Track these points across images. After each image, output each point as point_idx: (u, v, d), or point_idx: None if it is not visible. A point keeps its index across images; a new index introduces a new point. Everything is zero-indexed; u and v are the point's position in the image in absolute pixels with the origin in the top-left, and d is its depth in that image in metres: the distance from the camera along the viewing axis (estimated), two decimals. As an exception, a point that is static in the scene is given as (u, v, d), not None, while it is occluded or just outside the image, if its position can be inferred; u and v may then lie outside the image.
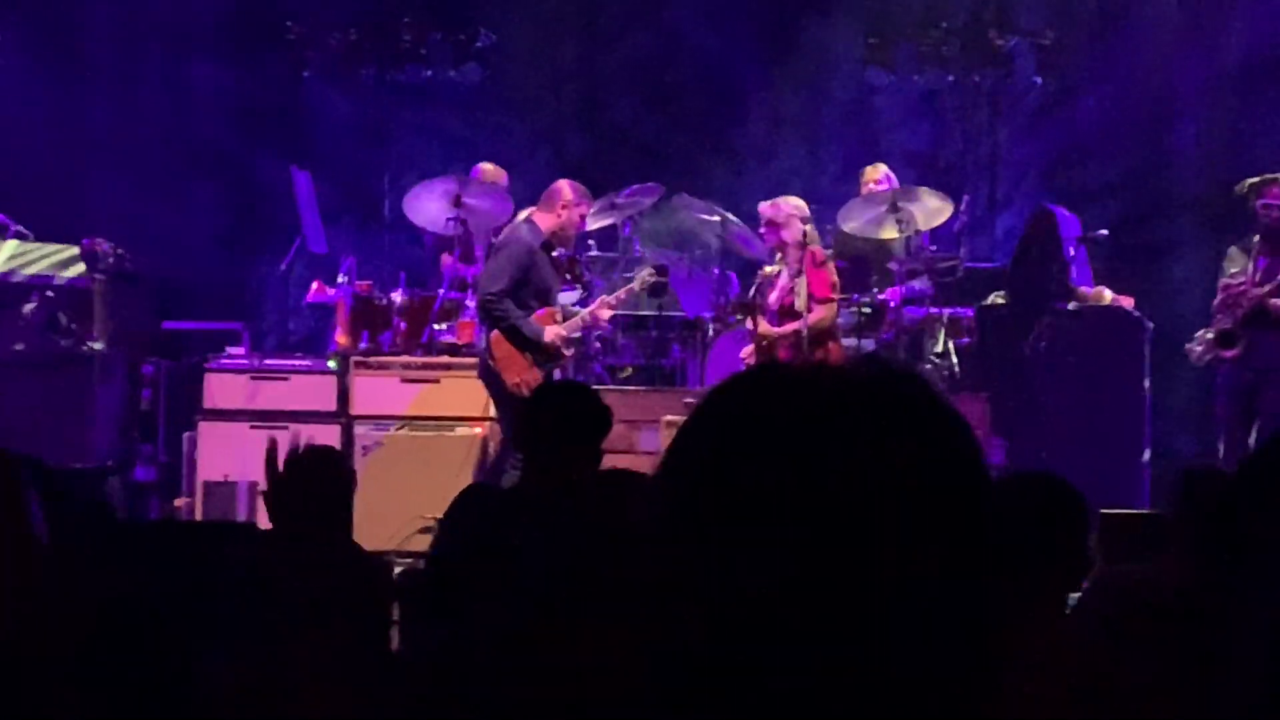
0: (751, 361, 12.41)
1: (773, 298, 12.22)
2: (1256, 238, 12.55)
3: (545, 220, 12.23)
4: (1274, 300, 12.36)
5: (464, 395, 12.83)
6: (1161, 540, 7.37)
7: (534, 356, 12.01)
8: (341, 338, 13.73)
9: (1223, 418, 12.77)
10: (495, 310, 12.04)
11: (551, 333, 12.05)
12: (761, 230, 12.52)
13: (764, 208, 12.36)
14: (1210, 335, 12.59)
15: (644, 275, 13.05)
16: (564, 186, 12.36)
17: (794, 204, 12.29)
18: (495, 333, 12.07)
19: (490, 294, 12.06)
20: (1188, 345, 12.90)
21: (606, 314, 12.68)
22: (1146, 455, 13.46)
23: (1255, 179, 12.60)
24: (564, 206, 12.24)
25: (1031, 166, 16.98)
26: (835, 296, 11.89)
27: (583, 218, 12.55)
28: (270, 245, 15.64)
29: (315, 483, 6.30)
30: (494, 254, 12.39)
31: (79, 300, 14.01)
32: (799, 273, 11.74)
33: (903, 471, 1.45)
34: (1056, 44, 16.73)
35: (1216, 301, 12.64)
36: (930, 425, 1.49)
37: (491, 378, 12.12)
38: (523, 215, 12.49)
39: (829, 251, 12.82)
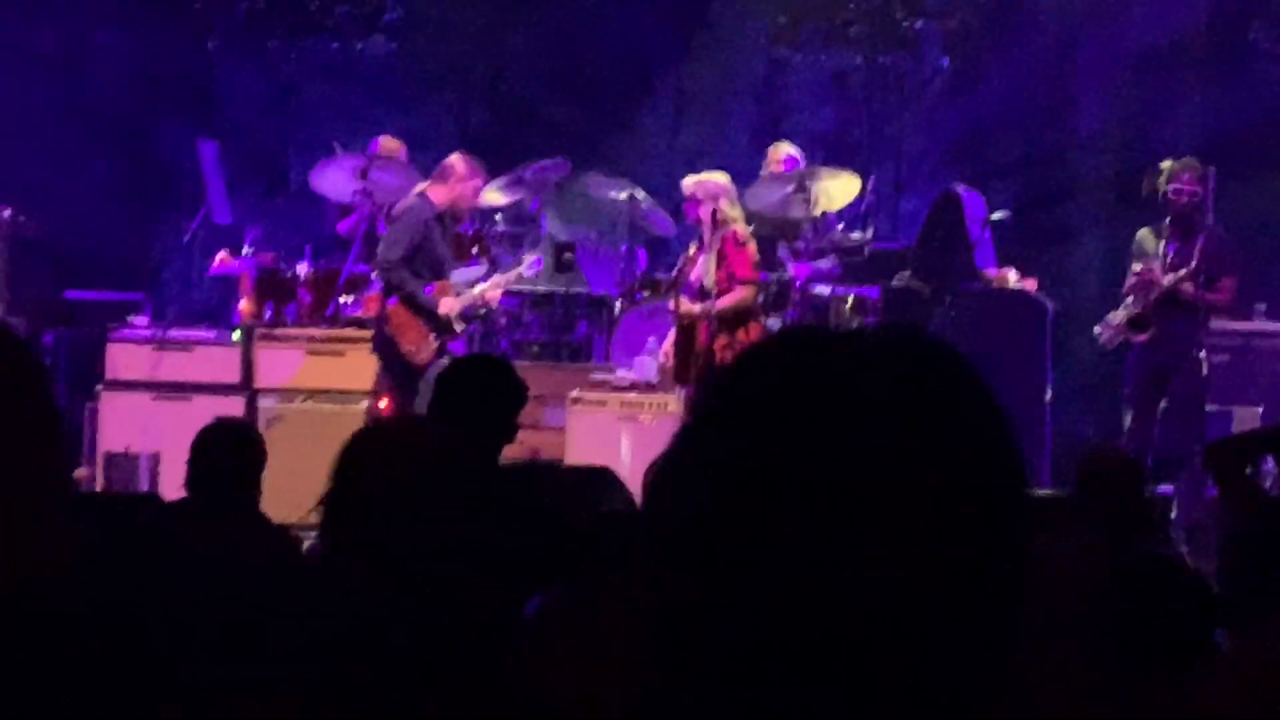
0: (671, 347, 12.38)
1: (693, 275, 12.22)
2: (1166, 222, 12.65)
3: (438, 194, 12.33)
4: (1186, 286, 12.47)
5: (369, 368, 12.77)
6: (1063, 520, 7.45)
7: (429, 325, 12.06)
8: (246, 309, 13.64)
9: (1130, 399, 12.88)
10: (392, 277, 12.17)
11: (446, 305, 12.16)
12: (685, 208, 12.51)
13: (686, 183, 12.36)
14: (1121, 318, 12.69)
15: (528, 262, 13.10)
16: (457, 161, 12.46)
17: (715, 180, 12.27)
18: (393, 301, 12.15)
19: (388, 260, 12.18)
20: (1096, 328, 13.00)
21: (497, 294, 12.76)
22: (1048, 433, 13.56)
23: (1167, 164, 12.69)
24: (457, 180, 12.34)
25: (937, 148, 17.06)
26: (756, 276, 11.88)
27: (476, 191, 12.62)
28: (173, 215, 15.53)
29: (226, 455, 6.28)
30: (391, 224, 12.52)
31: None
32: (712, 250, 11.75)
33: (940, 449, 1.43)
34: (962, 27, 16.82)
35: (1127, 285, 12.72)
36: (970, 406, 1.48)
37: (386, 345, 12.18)
38: (417, 189, 12.53)
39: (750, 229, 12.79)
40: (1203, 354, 12.66)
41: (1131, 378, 12.80)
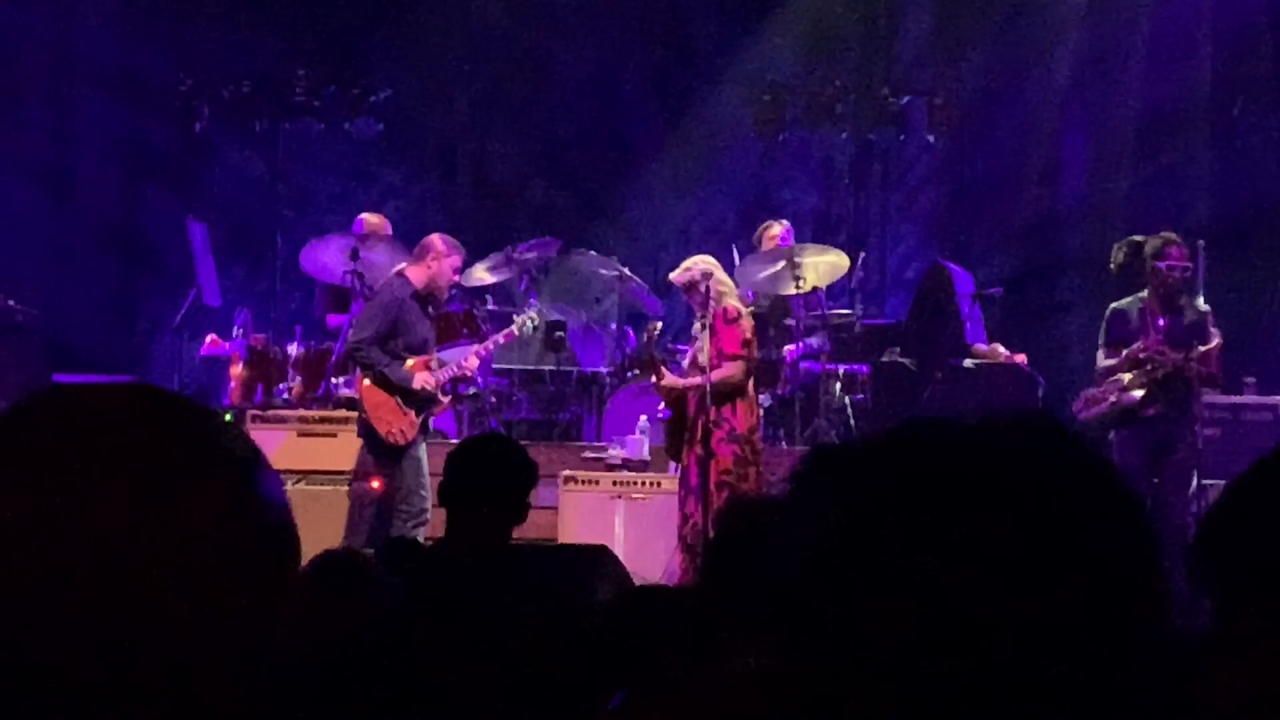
0: (664, 419, 12.33)
1: (689, 352, 12.20)
2: (1144, 295, 12.56)
3: (416, 273, 12.27)
4: (1192, 363, 12.42)
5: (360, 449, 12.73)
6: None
7: (403, 400, 12.02)
8: (236, 391, 13.62)
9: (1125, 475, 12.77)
10: (361, 357, 12.10)
11: (420, 379, 12.05)
12: (686, 299, 12.46)
13: (673, 277, 12.28)
14: (1116, 395, 12.56)
15: (521, 320, 12.98)
16: (435, 240, 12.40)
17: (698, 263, 12.23)
18: (366, 383, 12.11)
19: (356, 340, 12.13)
20: (1075, 405, 12.92)
21: (474, 362, 12.67)
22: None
23: (1148, 239, 12.64)
24: (434, 258, 12.27)
25: (924, 224, 17.14)
26: (744, 354, 11.77)
27: (454, 269, 12.54)
28: (161, 296, 15.52)
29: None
30: (366, 305, 12.47)
31: (-32, 352, 13.84)
32: (705, 328, 11.73)
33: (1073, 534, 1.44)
34: (948, 104, 16.91)
35: (1116, 361, 12.58)
36: (1101, 492, 1.48)
37: (366, 430, 12.14)
38: (396, 269, 12.50)
39: (746, 307, 12.76)
40: (1197, 428, 12.64)
41: (1127, 454, 12.69)
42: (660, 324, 12.68)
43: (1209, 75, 16.30)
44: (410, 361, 12.07)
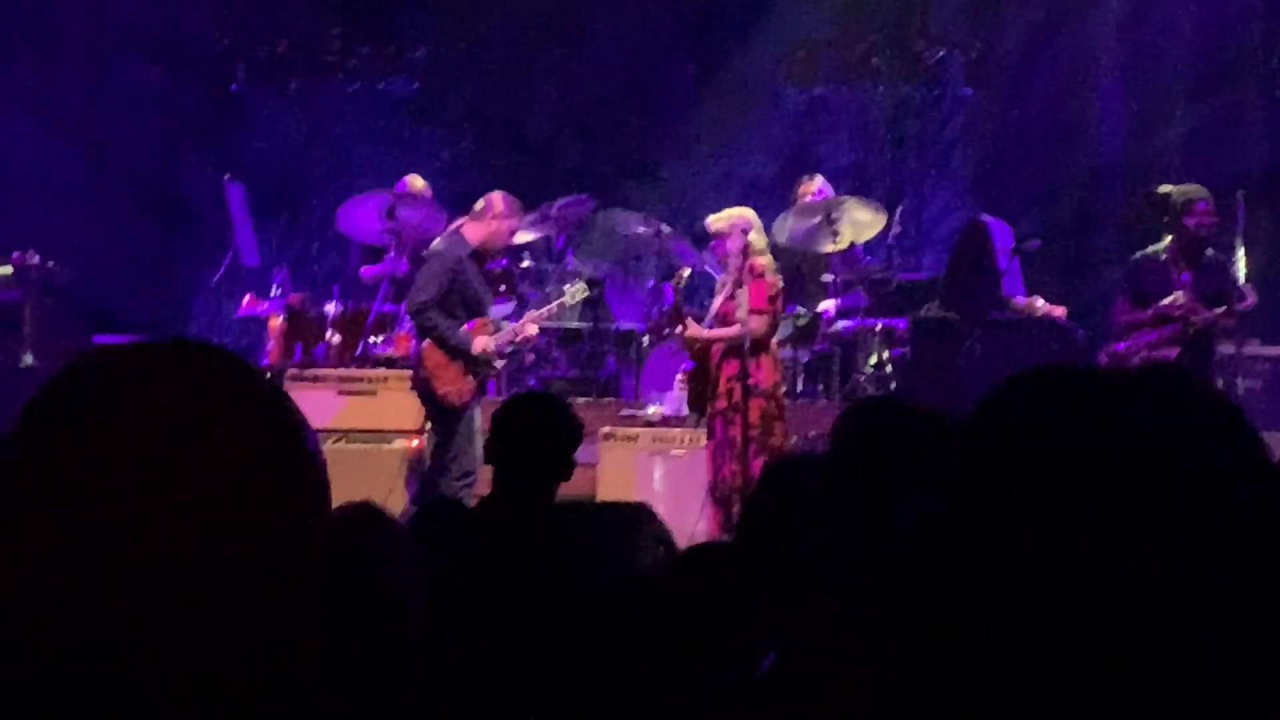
0: (684, 374, 12.31)
1: (715, 304, 12.16)
2: (1164, 247, 12.43)
3: (475, 231, 12.17)
4: (1226, 321, 12.36)
5: (400, 408, 12.75)
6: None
7: (465, 365, 11.99)
8: (274, 351, 13.64)
9: None
10: (424, 320, 12.02)
11: (480, 344, 11.98)
12: (713, 245, 12.44)
13: (709, 222, 12.27)
14: (1145, 354, 12.49)
15: (573, 289, 13.01)
16: (496, 198, 12.30)
17: (737, 214, 12.17)
18: (426, 343, 12.04)
19: (418, 303, 12.03)
20: (1101, 361, 12.85)
21: (534, 329, 12.61)
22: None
23: (1180, 190, 12.52)
24: (494, 218, 12.18)
25: (961, 178, 17.08)
26: (770, 309, 11.75)
27: (512, 231, 12.49)
28: (200, 257, 15.56)
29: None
30: (424, 265, 12.34)
31: (8, 314, 13.87)
32: (740, 283, 11.69)
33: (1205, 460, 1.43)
34: (983, 56, 16.84)
35: (1143, 316, 12.47)
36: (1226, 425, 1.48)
37: (423, 387, 12.07)
38: (453, 225, 12.42)
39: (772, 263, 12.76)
40: (1238, 379, 12.58)
41: None
42: (689, 271, 12.64)
43: (1254, 26, 16.20)
44: (468, 325, 12.02)
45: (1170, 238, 12.31)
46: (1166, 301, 12.31)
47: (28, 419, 1.50)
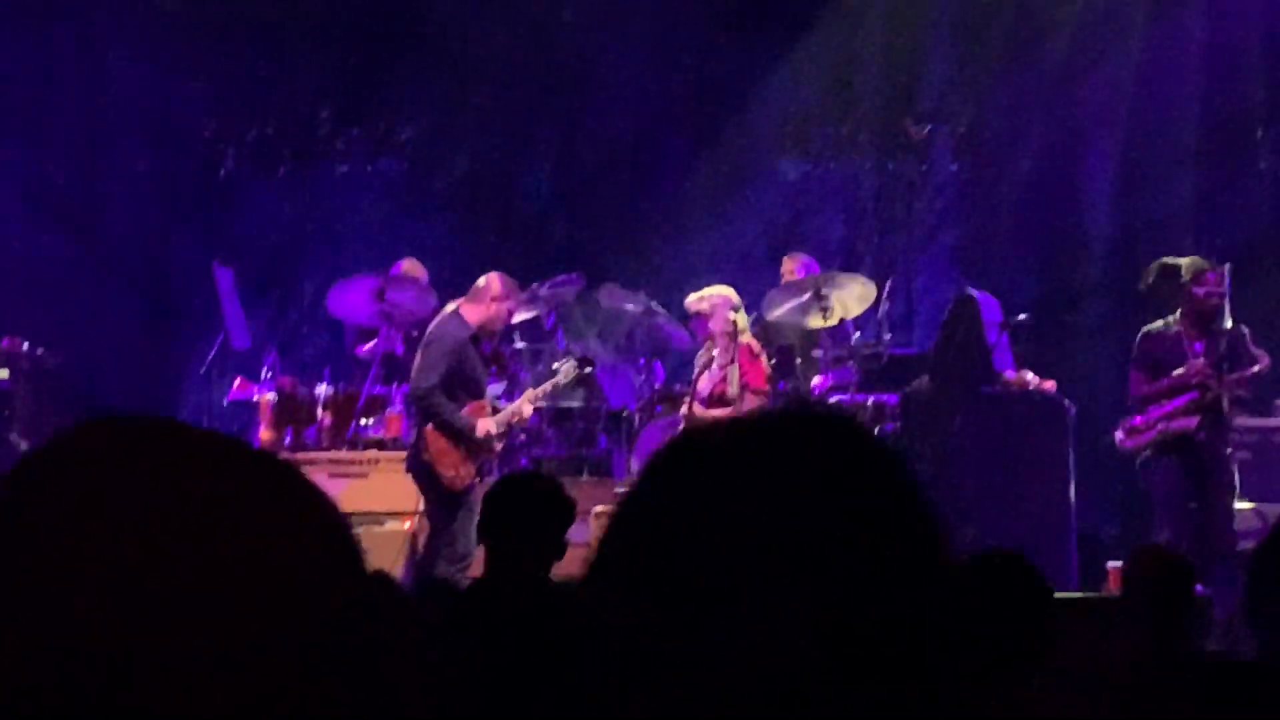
0: None
1: (703, 384, 12.23)
2: (1176, 318, 12.57)
3: (473, 313, 12.20)
4: (1239, 391, 12.43)
5: (392, 489, 12.73)
6: (1101, 623, 7.40)
7: (468, 449, 11.99)
8: (266, 434, 13.63)
9: (1167, 501, 12.64)
10: (428, 404, 12.00)
11: (484, 426, 12.02)
12: (692, 324, 12.53)
13: (690, 302, 12.37)
14: (1163, 426, 12.54)
15: (566, 368, 13.03)
16: (494, 280, 12.34)
17: (720, 293, 12.32)
18: (429, 426, 12.03)
19: (423, 388, 12.02)
20: (1117, 434, 12.91)
21: (529, 409, 12.67)
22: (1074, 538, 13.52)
23: (1182, 261, 12.65)
24: (494, 299, 12.22)
25: (950, 252, 17.12)
26: (769, 389, 11.92)
27: (511, 311, 12.54)
28: (190, 340, 15.57)
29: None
30: (424, 348, 12.30)
31: (0, 399, 13.88)
32: (731, 360, 11.76)
33: (848, 504, 1.46)
34: (970, 131, 16.91)
35: (1159, 387, 12.53)
36: (865, 459, 1.50)
37: (424, 471, 12.05)
38: (450, 307, 12.44)
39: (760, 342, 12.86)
40: (1232, 450, 12.62)
41: (1172, 480, 12.64)
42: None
43: (1240, 99, 16.28)
44: (467, 408, 12.03)
45: (1180, 309, 12.42)
46: (1180, 371, 12.38)
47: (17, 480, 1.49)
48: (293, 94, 16.89)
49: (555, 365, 13.26)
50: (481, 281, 12.34)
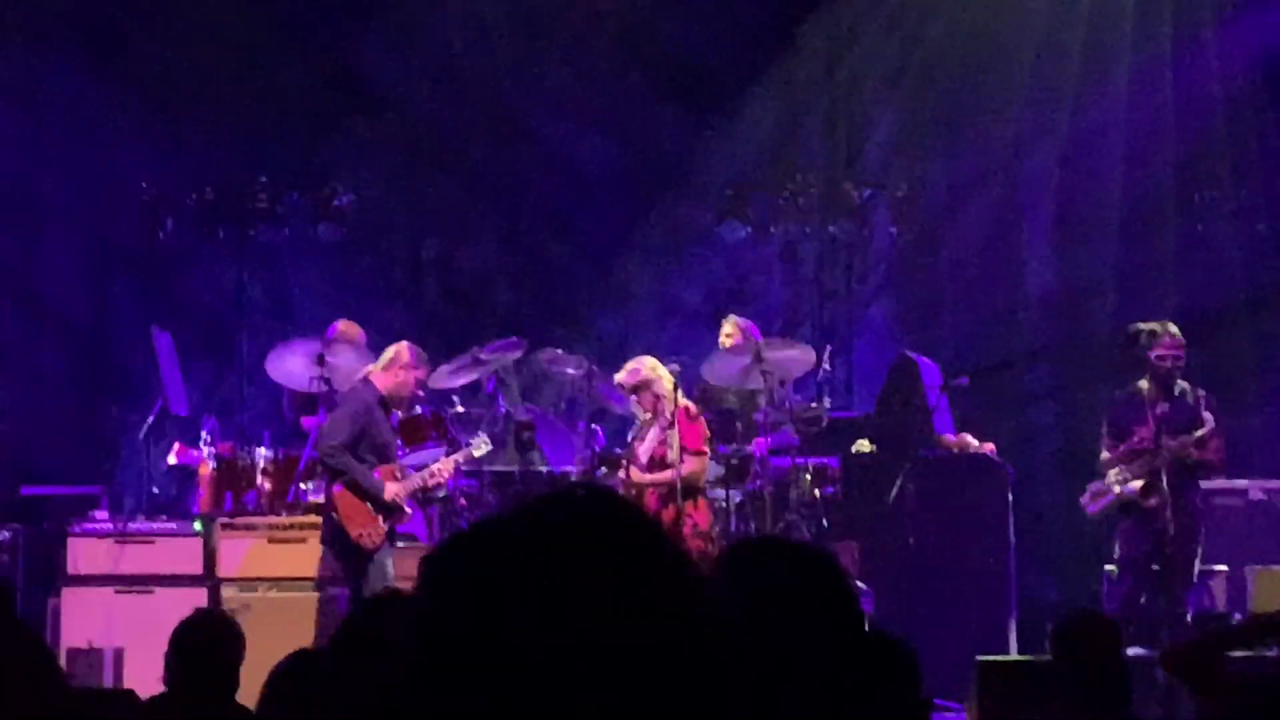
0: None
1: (642, 448, 12.28)
2: (1143, 384, 12.71)
3: (382, 380, 12.44)
4: (1194, 451, 12.54)
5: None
6: (1037, 686, 7.42)
7: (375, 509, 12.14)
8: (205, 499, 13.57)
9: (1128, 563, 12.69)
10: (335, 463, 12.22)
11: (391, 490, 12.23)
12: (631, 398, 12.58)
13: (621, 378, 12.49)
14: (1119, 487, 12.65)
15: (478, 441, 13.09)
16: (403, 349, 12.56)
17: (647, 363, 12.47)
18: (338, 486, 12.22)
19: (330, 446, 12.23)
20: (1083, 499, 13.00)
21: (444, 474, 12.74)
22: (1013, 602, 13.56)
23: (1146, 326, 12.81)
24: (401, 368, 12.47)
25: (890, 315, 17.18)
26: (707, 450, 12.02)
27: (418, 382, 12.71)
28: (129, 404, 15.50)
29: (208, 647, 6.24)
30: (333, 410, 12.58)
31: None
32: (671, 425, 11.82)
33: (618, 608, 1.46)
34: (910, 195, 17.00)
35: (1118, 452, 12.70)
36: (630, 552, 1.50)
37: (335, 532, 12.18)
38: (361, 373, 12.57)
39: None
40: (1197, 516, 12.74)
41: (1131, 543, 12.71)
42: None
43: (1172, 169, 16.41)
44: (375, 472, 12.16)
45: (1146, 375, 12.60)
46: (1134, 438, 12.55)
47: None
48: (230, 159, 16.86)
49: (470, 440, 13.27)
50: (391, 351, 12.59)
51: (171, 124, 16.78)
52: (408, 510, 12.41)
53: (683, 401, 12.16)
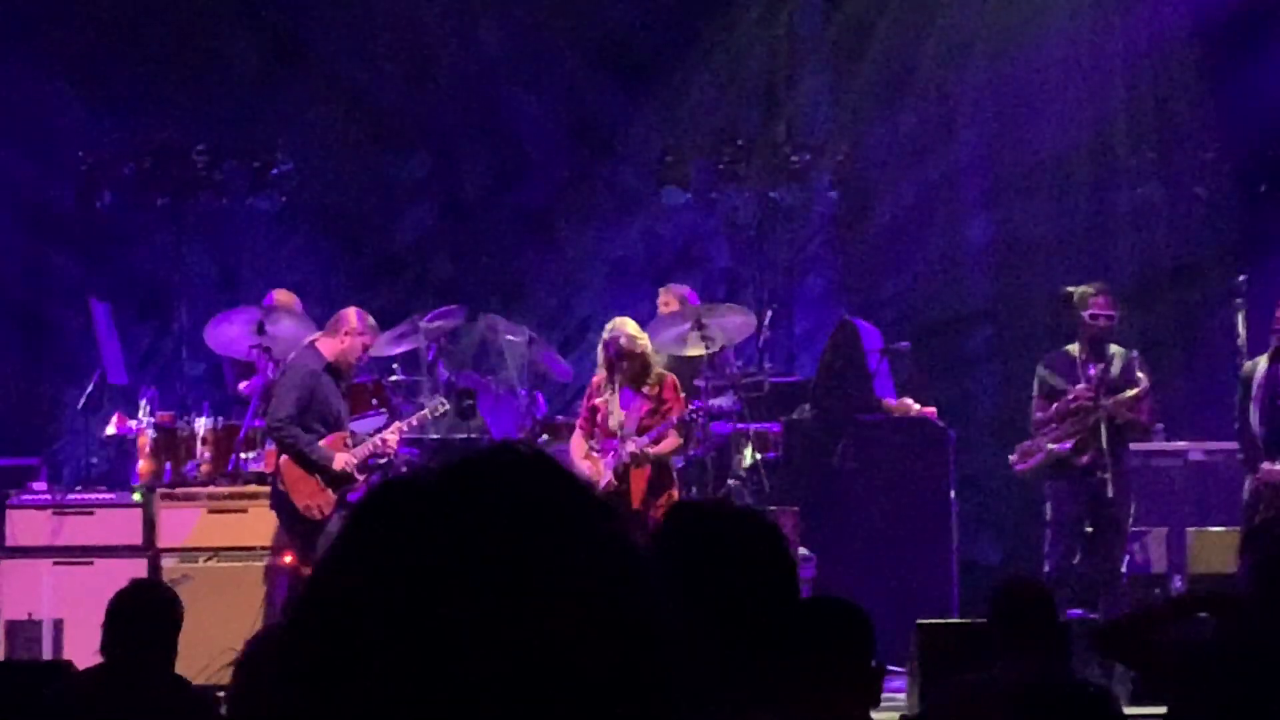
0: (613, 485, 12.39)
1: (629, 418, 12.37)
2: (1075, 347, 12.75)
3: (328, 346, 12.29)
4: (1122, 409, 12.58)
5: (273, 524, 12.66)
6: (977, 649, 7.47)
7: (324, 478, 12.04)
8: (144, 469, 13.50)
9: (1059, 524, 12.74)
10: (282, 435, 12.09)
11: (341, 460, 12.12)
12: (621, 361, 12.57)
13: (625, 343, 12.45)
14: (1053, 445, 12.68)
15: (433, 404, 13.03)
16: (350, 314, 12.43)
17: (638, 330, 12.59)
18: (284, 458, 12.13)
19: (277, 419, 12.12)
20: (1011, 457, 13.02)
21: (394, 441, 12.66)
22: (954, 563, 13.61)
23: (1078, 289, 12.86)
24: (348, 333, 12.31)
25: (831, 280, 17.21)
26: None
27: (365, 347, 12.56)
28: (67, 374, 15.42)
29: (145, 618, 6.21)
30: (279, 380, 12.41)
31: None
32: (661, 396, 12.17)
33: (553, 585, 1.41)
34: (849, 160, 17.01)
35: (1050, 412, 12.72)
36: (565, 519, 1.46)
37: (282, 502, 12.12)
38: (307, 340, 12.49)
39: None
40: (1128, 475, 12.80)
41: (1062, 504, 12.76)
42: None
43: (1110, 130, 16.46)
44: (326, 440, 12.07)
45: (1079, 336, 12.67)
46: (1066, 396, 12.57)
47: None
48: (168, 128, 16.75)
49: (422, 400, 13.23)
50: (337, 316, 12.46)
51: (108, 92, 16.67)
52: (359, 478, 12.31)
53: (668, 374, 12.41)
